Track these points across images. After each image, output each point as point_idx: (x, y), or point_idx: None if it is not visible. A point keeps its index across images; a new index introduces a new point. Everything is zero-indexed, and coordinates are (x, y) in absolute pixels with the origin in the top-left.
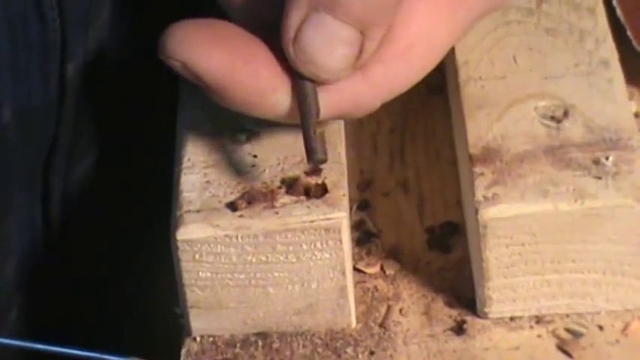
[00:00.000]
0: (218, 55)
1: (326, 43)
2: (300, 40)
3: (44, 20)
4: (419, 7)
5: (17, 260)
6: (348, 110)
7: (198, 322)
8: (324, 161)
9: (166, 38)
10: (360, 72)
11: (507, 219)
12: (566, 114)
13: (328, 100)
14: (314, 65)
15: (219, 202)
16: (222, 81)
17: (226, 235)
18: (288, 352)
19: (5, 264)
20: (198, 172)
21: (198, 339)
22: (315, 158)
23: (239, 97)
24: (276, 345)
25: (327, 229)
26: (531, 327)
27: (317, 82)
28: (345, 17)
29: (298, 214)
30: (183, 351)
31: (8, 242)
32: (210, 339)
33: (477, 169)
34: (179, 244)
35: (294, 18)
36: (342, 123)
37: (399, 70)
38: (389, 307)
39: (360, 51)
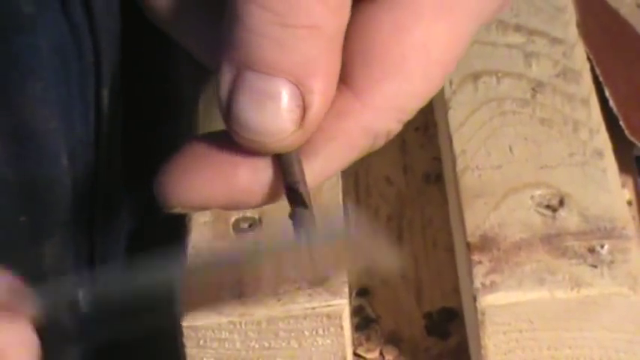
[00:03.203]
0: (212, 185)
1: (254, 103)
2: (231, 111)
3: (80, 44)
4: (409, 16)
5: None
6: (369, 144)
7: None
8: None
9: (159, 195)
10: (357, 101)
11: (505, 306)
12: (561, 203)
13: (343, 147)
14: (251, 132)
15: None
16: (229, 200)
17: (230, 322)
18: None
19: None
20: (202, 259)
21: None
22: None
23: (251, 202)
24: None
25: (328, 316)
26: None
27: (267, 154)
28: (267, 69)
29: (300, 300)
30: None
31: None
32: None
33: (475, 258)
34: (184, 331)
35: (222, 86)
36: (340, 212)
37: (398, 87)
38: None
39: (304, 106)
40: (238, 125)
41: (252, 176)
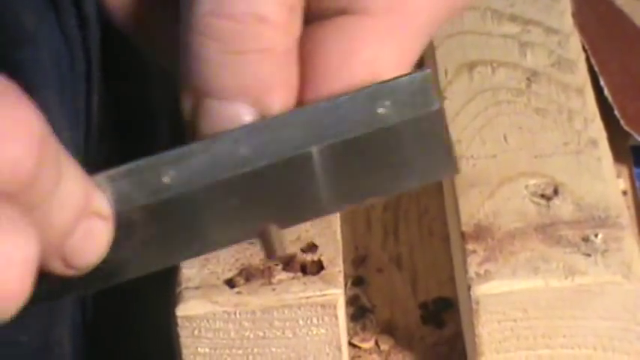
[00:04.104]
0: None
1: (217, 128)
2: (197, 137)
3: (73, 53)
4: (356, 40)
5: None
6: None
7: None
8: (283, 256)
9: None
10: None
11: (499, 295)
12: (555, 192)
13: None
14: None
15: (218, 278)
16: None
17: (225, 312)
18: None
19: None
20: None
21: None
22: (275, 255)
23: None
24: None
25: (323, 305)
26: None
27: None
28: (224, 94)
29: (295, 290)
30: None
31: None
32: None
33: (469, 247)
34: (178, 320)
35: (185, 113)
36: None
37: None
38: None
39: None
40: None
41: None
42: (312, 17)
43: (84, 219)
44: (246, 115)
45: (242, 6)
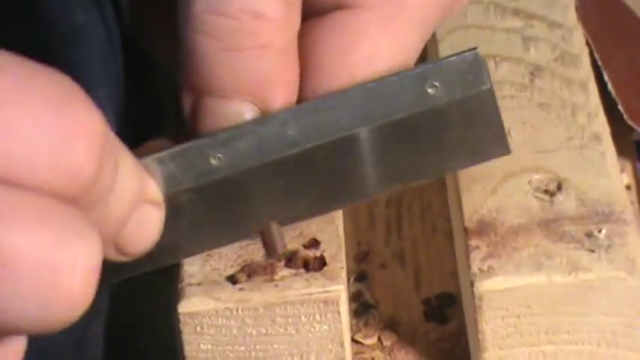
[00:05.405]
0: None
1: (218, 126)
2: (197, 135)
3: (115, 48)
4: (353, 36)
5: None
6: None
7: None
8: (283, 252)
9: None
10: None
11: (502, 291)
12: (559, 187)
13: None
14: None
15: (220, 275)
16: None
17: (227, 308)
18: None
19: None
20: None
21: None
22: (277, 252)
23: None
24: None
25: (325, 302)
26: None
27: None
28: (224, 92)
29: (297, 286)
30: None
31: None
32: None
33: (473, 242)
34: (181, 317)
35: (185, 111)
36: None
37: None
38: None
39: None
40: None
41: None
42: (310, 13)
43: (137, 208)
44: (246, 112)
45: (238, 2)
